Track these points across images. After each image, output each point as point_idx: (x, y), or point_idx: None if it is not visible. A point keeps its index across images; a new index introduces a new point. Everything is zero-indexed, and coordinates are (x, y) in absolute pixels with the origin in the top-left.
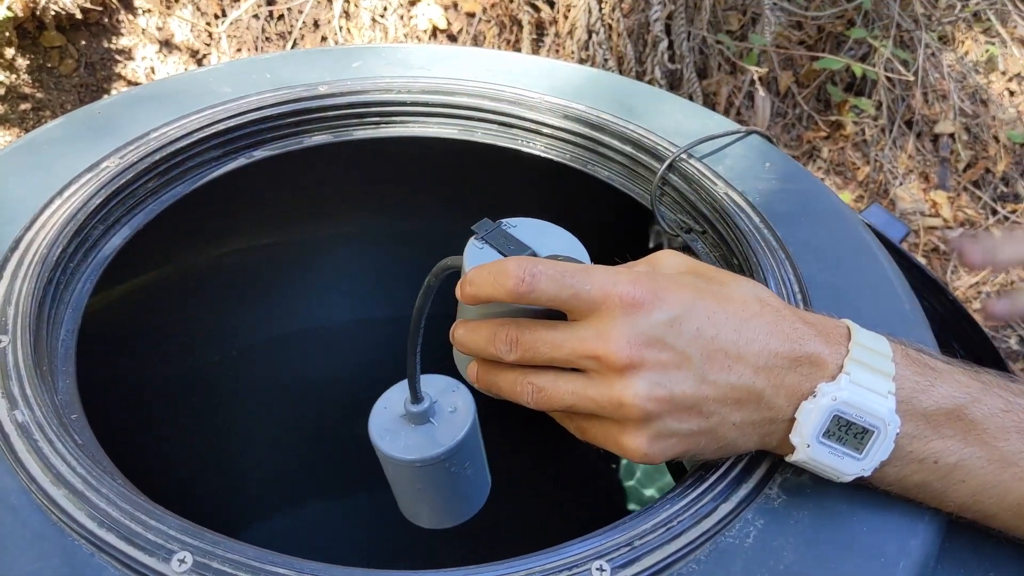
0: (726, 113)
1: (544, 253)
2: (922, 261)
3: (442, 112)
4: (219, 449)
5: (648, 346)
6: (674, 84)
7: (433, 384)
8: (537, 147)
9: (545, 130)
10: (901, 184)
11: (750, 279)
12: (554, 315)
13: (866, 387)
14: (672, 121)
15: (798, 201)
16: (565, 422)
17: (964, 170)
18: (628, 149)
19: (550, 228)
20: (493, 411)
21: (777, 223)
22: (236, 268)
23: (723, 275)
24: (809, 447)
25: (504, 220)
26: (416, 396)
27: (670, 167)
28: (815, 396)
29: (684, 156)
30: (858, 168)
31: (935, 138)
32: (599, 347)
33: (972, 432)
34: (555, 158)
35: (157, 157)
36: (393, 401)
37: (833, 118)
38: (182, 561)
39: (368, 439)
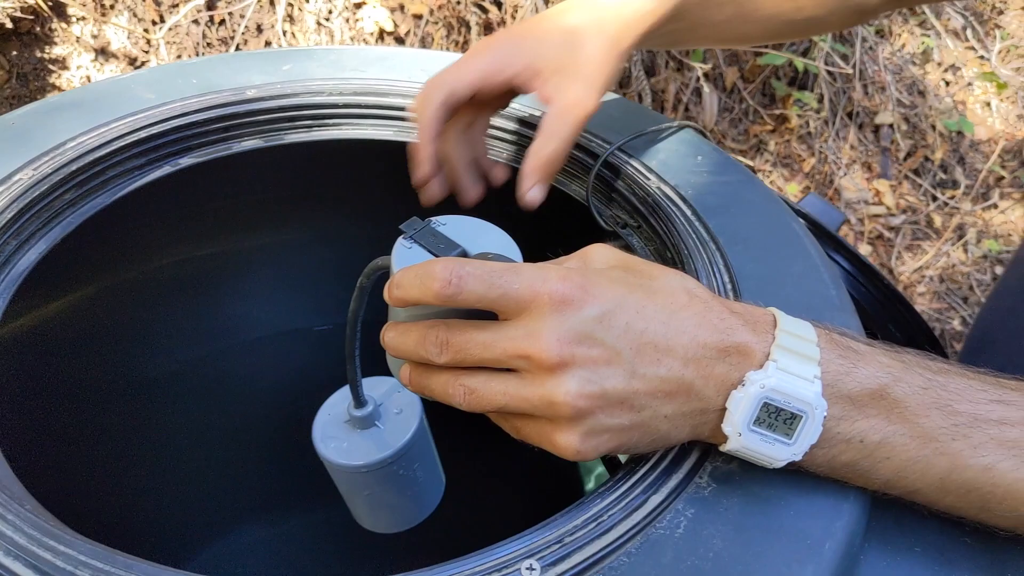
0: (674, 110)
1: (474, 251)
2: (863, 248)
3: (376, 113)
4: (162, 466)
5: (578, 343)
6: (623, 82)
7: (378, 387)
8: None
9: None
10: (845, 174)
11: (679, 272)
12: (486, 315)
13: (793, 373)
14: (606, 118)
15: (729, 193)
16: (500, 422)
17: (904, 159)
18: None
19: (481, 225)
20: (450, 412)
21: (708, 215)
22: (173, 281)
23: (652, 268)
24: (741, 435)
25: (433, 218)
26: (359, 400)
27: (604, 163)
28: (744, 385)
29: (617, 152)
30: (804, 160)
31: (876, 129)
32: (529, 346)
33: (895, 410)
34: (492, 157)
35: (74, 168)
36: (337, 407)
37: (778, 112)
38: None
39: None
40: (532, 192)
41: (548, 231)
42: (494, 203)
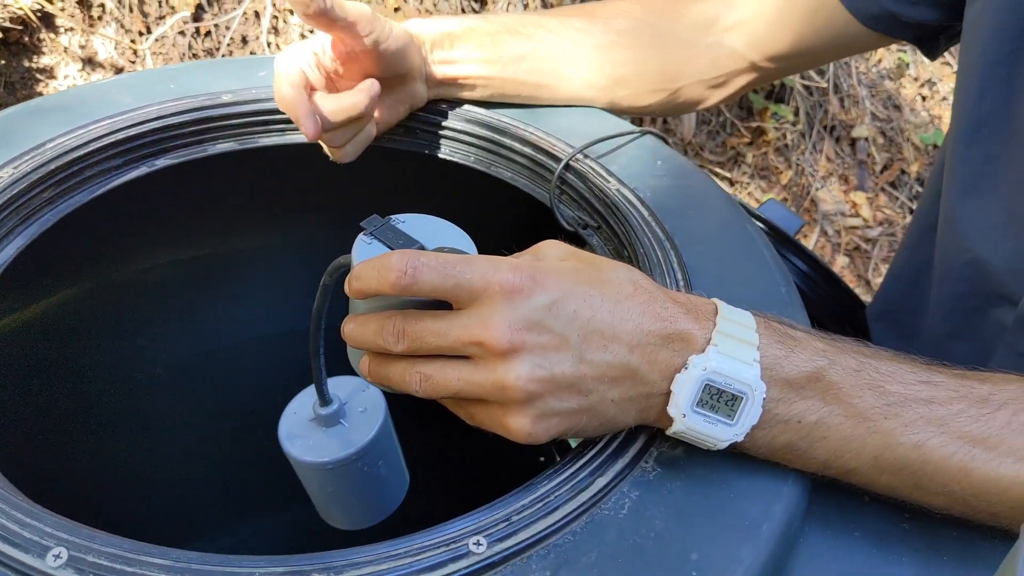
0: (653, 123)
1: (431, 246)
2: (840, 260)
3: None
4: (137, 469)
5: (528, 330)
6: None
7: (343, 386)
8: (443, 151)
9: (450, 134)
10: (822, 186)
11: (627, 265)
12: (442, 306)
13: (733, 356)
14: (570, 123)
15: (687, 196)
16: (456, 409)
17: (881, 172)
18: (528, 151)
19: (439, 223)
20: (414, 407)
21: (665, 217)
22: (156, 284)
23: (601, 261)
24: (685, 417)
25: (393, 216)
26: (324, 398)
27: (567, 167)
28: (687, 368)
29: (581, 156)
30: (781, 172)
31: (852, 142)
32: (481, 333)
33: (830, 392)
34: (460, 161)
35: (53, 167)
36: (303, 405)
37: (755, 124)
38: (57, 556)
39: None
40: None
41: (513, 232)
42: (458, 206)
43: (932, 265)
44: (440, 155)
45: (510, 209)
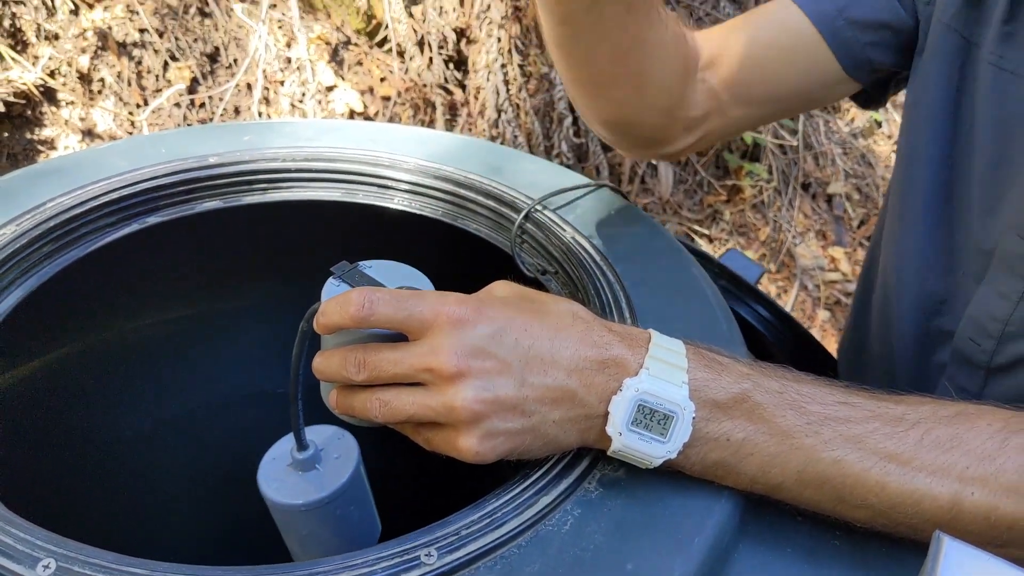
0: (630, 182)
1: (392, 287)
2: (821, 314)
3: (325, 177)
4: (124, 523)
5: (473, 356)
6: (581, 157)
7: (320, 433)
8: (414, 205)
9: (420, 190)
10: (800, 242)
11: (569, 300)
12: (399, 340)
13: (663, 379)
14: (531, 178)
15: (637, 243)
16: (414, 435)
17: (858, 227)
18: (491, 203)
19: (401, 267)
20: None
21: (616, 261)
22: (145, 342)
23: (544, 297)
24: (622, 435)
25: (361, 262)
26: (301, 443)
27: (526, 217)
28: (621, 391)
29: (540, 208)
30: (759, 228)
31: (829, 198)
32: (432, 360)
33: (755, 412)
34: (429, 214)
35: (51, 224)
36: (282, 451)
37: (731, 183)
38: (46, 567)
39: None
40: None
41: (478, 279)
42: (428, 256)
43: (874, 307)
44: (411, 209)
45: (475, 257)
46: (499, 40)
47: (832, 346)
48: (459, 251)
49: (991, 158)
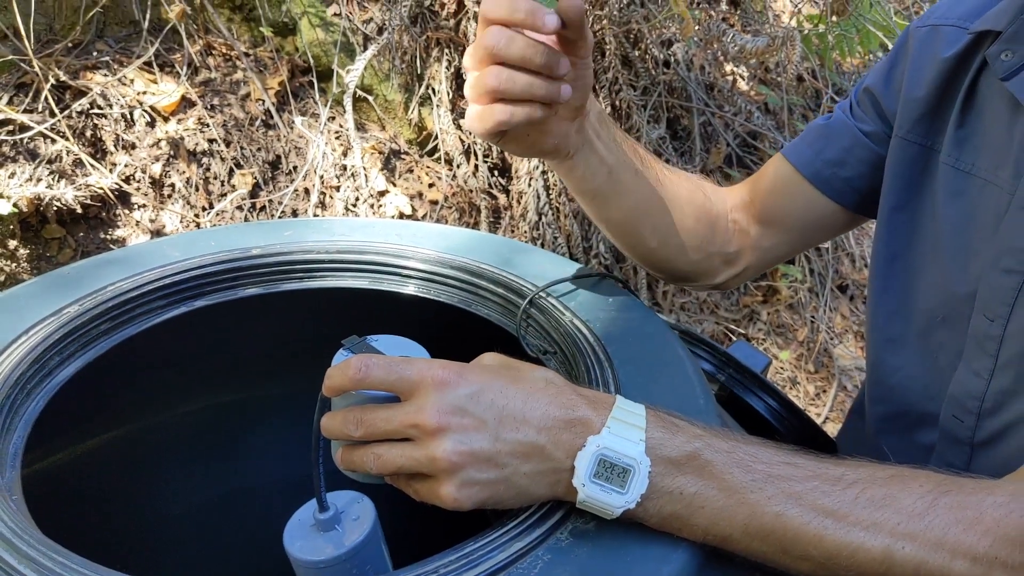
0: (667, 283)
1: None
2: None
3: (355, 267)
4: None
5: (453, 414)
6: (619, 258)
7: (341, 498)
8: (431, 292)
9: (436, 278)
10: (838, 343)
11: (545, 368)
12: (393, 402)
13: (622, 436)
14: (538, 269)
15: (629, 326)
16: (404, 487)
17: None
18: (500, 290)
19: (405, 341)
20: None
21: (608, 342)
22: (192, 427)
23: (523, 365)
24: (585, 486)
25: (370, 336)
26: (322, 505)
27: (531, 303)
28: (585, 447)
29: (543, 294)
30: (796, 329)
31: (865, 300)
32: (417, 417)
33: (706, 469)
34: (444, 299)
35: (110, 304)
36: (307, 514)
37: (767, 284)
38: None
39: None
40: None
41: None
42: (442, 337)
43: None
44: (429, 296)
45: (484, 339)
46: None
47: None
48: (470, 333)
49: (953, 248)
